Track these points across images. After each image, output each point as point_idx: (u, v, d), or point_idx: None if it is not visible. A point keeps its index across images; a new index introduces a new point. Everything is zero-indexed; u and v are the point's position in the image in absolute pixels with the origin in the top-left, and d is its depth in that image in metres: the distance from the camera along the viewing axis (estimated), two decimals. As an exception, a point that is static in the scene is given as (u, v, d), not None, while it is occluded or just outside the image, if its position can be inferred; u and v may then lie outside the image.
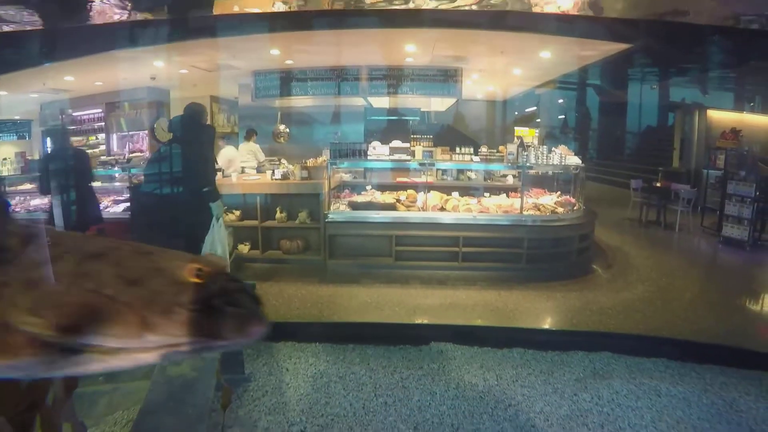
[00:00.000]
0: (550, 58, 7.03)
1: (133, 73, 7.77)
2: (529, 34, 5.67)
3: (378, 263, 5.96)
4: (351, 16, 5.33)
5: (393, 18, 5.33)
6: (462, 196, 6.65)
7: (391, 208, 6.18)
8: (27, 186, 7.32)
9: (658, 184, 9.31)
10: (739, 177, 7.47)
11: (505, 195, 6.95)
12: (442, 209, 6.24)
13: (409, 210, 6.21)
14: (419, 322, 4.59)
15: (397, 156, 6.71)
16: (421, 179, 6.93)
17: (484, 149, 7.14)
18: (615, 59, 6.83)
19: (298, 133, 9.72)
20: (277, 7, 4.88)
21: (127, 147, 9.34)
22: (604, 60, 7.03)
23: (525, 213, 6.06)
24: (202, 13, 5.15)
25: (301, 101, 8.88)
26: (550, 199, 6.62)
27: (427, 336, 4.18)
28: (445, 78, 7.63)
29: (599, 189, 12.46)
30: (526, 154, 6.34)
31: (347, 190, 7.10)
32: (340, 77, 7.66)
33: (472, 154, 7.07)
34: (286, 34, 5.92)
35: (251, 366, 3.64)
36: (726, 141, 10.01)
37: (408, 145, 7.25)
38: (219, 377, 2.79)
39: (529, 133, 7.75)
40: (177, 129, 4.55)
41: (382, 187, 7.05)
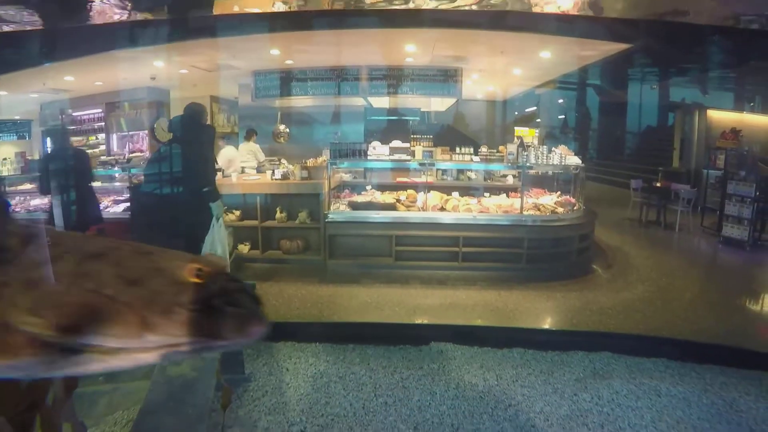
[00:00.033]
0: (550, 58, 7.03)
1: (133, 73, 7.77)
2: (529, 34, 5.67)
3: (378, 263, 5.96)
4: (351, 16, 5.33)
5: (393, 18, 5.33)
6: (462, 196, 6.65)
7: (391, 208, 6.19)
8: (27, 186, 7.33)
9: (658, 184, 9.31)
10: (739, 177, 7.47)
11: (505, 195, 6.95)
12: (442, 209, 6.24)
13: (409, 210, 6.21)
14: (419, 322, 4.59)
15: (397, 156, 6.71)
16: (421, 179, 6.94)
17: (484, 149, 7.14)
18: (615, 59, 6.83)
19: (298, 133, 9.72)
20: (277, 7, 4.89)
21: (127, 147, 9.34)
22: (604, 60, 7.03)
23: (525, 213, 6.06)
24: (202, 13, 5.15)
25: (301, 101, 8.88)
26: (550, 199, 6.62)
27: (427, 336, 4.18)
28: (445, 78, 7.63)
29: (599, 189, 12.45)
30: (526, 154, 6.34)
31: (347, 190, 7.10)
32: (340, 77, 7.65)
33: (472, 154, 7.07)
34: (286, 34, 5.92)
35: (251, 366, 3.64)
36: (726, 141, 10.01)
37: (408, 145, 7.25)
38: (219, 377, 2.79)
39: (529, 133, 7.75)
40: (177, 129, 4.55)
41: (382, 187, 7.05)
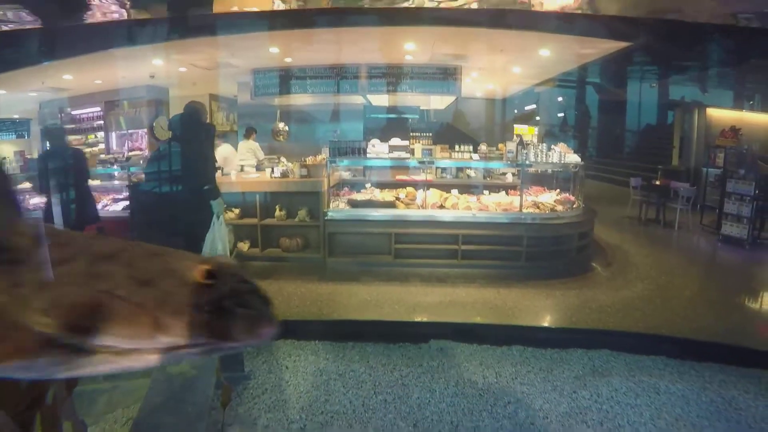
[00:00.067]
0: (550, 56, 7.03)
1: (132, 71, 7.77)
2: (528, 32, 5.67)
3: (377, 261, 5.96)
4: (350, 15, 5.33)
5: (392, 16, 5.33)
6: (461, 194, 6.65)
7: (390, 206, 6.19)
8: (26, 185, 7.32)
9: (658, 183, 9.31)
10: (739, 175, 7.46)
11: (504, 193, 6.94)
12: (442, 207, 6.24)
13: (408, 208, 6.21)
14: (419, 319, 4.59)
15: (396, 154, 6.70)
16: (421, 177, 6.93)
17: (483, 147, 7.13)
18: (614, 57, 6.83)
19: (297, 131, 9.71)
20: (277, 6, 4.89)
21: (126, 145, 9.33)
22: (603, 58, 7.03)
23: (524, 211, 6.06)
24: (201, 12, 5.15)
25: (300, 99, 8.88)
26: (549, 197, 6.62)
27: (426, 334, 4.18)
28: (445, 76, 7.63)
29: (599, 187, 12.44)
30: (525, 152, 6.34)
31: (346, 188, 7.09)
32: (339, 75, 7.65)
33: (471, 152, 7.05)
34: (285, 32, 5.92)
35: (251, 364, 3.64)
36: (725, 139, 10.01)
37: (407, 143, 7.24)
38: (219, 375, 2.79)
39: (528, 131, 7.75)
40: (177, 128, 4.55)
41: (382, 185, 7.06)
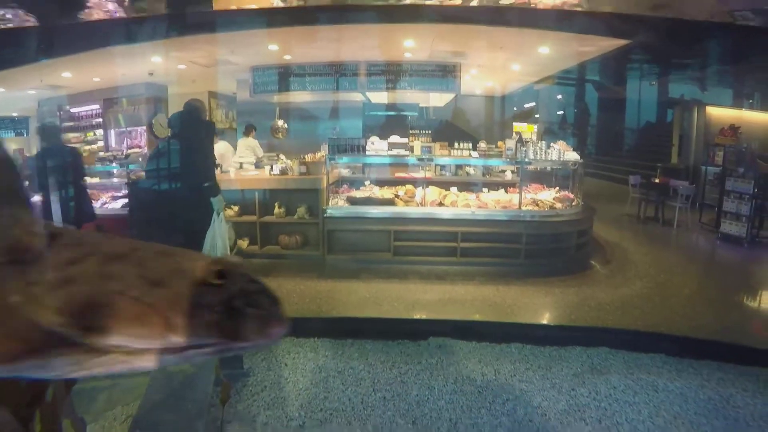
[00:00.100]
0: (549, 53, 7.02)
1: (131, 69, 7.75)
2: (527, 30, 5.66)
3: (376, 258, 5.96)
4: (349, 11, 5.32)
5: (391, 13, 5.32)
6: (460, 192, 6.65)
7: (389, 203, 6.19)
8: (25, 183, 7.32)
9: (657, 181, 9.30)
10: (738, 174, 7.47)
11: (503, 190, 6.94)
12: (441, 204, 6.24)
13: (407, 205, 6.21)
14: (418, 317, 4.60)
15: (395, 151, 6.70)
16: (420, 174, 6.93)
17: (482, 145, 7.13)
18: (614, 55, 6.82)
19: (296, 128, 9.69)
20: (276, 2, 4.88)
21: (125, 143, 9.32)
22: (602, 56, 7.02)
23: (523, 208, 6.07)
24: (200, 9, 5.14)
25: (299, 97, 8.87)
26: (548, 195, 6.62)
27: (425, 331, 4.18)
28: (444, 73, 7.62)
29: (598, 185, 12.45)
30: (524, 149, 6.34)
31: (346, 186, 7.09)
32: (338, 72, 7.63)
33: (470, 150, 7.05)
34: (284, 29, 5.91)
35: (250, 361, 3.64)
36: (725, 138, 9.99)
37: (406, 140, 7.24)
38: (218, 372, 2.79)
39: (527, 129, 7.74)
40: (178, 125, 4.56)
41: (381, 183, 7.05)
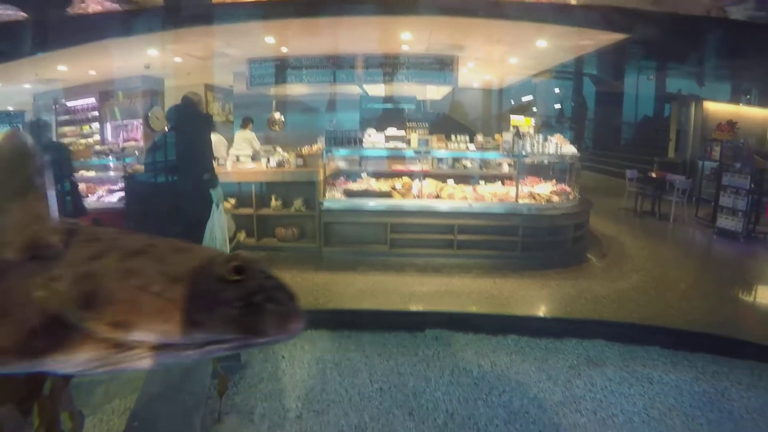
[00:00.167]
0: (547, 47, 7.01)
1: (126, 61, 7.70)
2: (525, 23, 5.65)
3: (373, 251, 5.97)
4: (347, 4, 5.30)
5: (389, 5, 5.31)
6: (457, 184, 6.63)
7: (386, 195, 6.18)
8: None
9: (654, 175, 9.30)
10: (735, 169, 7.48)
11: (500, 183, 6.94)
12: (438, 197, 6.23)
13: (404, 198, 6.20)
14: (414, 309, 4.61)
15: (392, 144, 6.67)
16: (417, 167, 6.92)
17: (479, 138, 7.12)
18: (611, 49, 6.82)
19: (293, 121, 9.67)
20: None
21: (121, 136, 9.29)
22: (600, 50, 7.01)
23: (520, 201, 6.07)
24: (196, 1, 5.11)
25: (296, 89, 8.85)
26: (545, 188, 6.62)
27: (422, 323, 4.19)
28: (441, 66, 7.60)
29: (595, 178, 12.46)
30: (521, 142, 6.33)
31: (342, 178, 7.07)
32: (335, 65, 7.61)
33: (467, 143, 7.04)
34: (281, 21, 5.88)
35: (247, 353, 3.64)
36: (722, 133, 10.00)
37: (404, 133, 7.22)
38: (215, 365, 2.79)
39: (525, 122, 7.74)
40: (175, 119, 4.56)
41: (378, 175, 7.03)
